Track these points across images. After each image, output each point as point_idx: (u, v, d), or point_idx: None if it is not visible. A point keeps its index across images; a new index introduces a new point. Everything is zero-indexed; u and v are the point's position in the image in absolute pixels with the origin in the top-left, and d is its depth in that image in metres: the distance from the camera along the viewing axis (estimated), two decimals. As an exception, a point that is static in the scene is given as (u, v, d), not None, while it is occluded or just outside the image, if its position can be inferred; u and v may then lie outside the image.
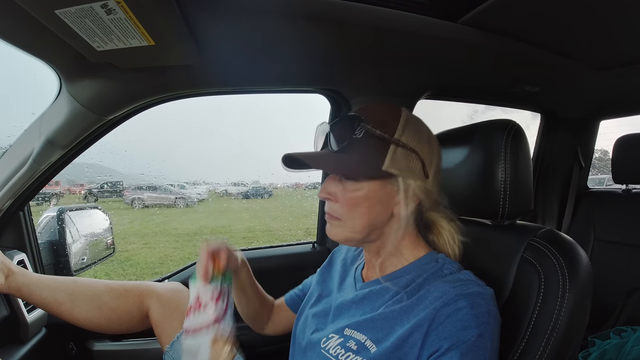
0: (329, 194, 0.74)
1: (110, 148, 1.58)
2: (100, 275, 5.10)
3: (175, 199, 9.06)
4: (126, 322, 1.10)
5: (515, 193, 0.80)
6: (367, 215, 0.72)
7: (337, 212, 0.73)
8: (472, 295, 0.65)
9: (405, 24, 0.94)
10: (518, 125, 0.82)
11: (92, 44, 0.76)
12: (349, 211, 0.72)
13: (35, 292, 1.00)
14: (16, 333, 1.09)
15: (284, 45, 0.99)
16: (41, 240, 1.30)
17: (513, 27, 1.02)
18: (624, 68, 1.33)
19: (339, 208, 0.73)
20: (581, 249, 0.75)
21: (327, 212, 0.76)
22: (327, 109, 1.46)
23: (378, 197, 0.71)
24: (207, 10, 0.80)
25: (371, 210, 0.71)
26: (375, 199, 0.71)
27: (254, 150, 24.51)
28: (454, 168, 0.91)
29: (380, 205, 0.72)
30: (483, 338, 0.61)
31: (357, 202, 0.71)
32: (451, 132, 0.99)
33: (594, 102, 1.78)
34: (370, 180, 0.70)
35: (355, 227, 0.72)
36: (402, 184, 0.71)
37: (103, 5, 0.63)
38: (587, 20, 0.98)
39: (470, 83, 1.43)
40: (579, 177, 2.05)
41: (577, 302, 0.68)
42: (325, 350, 0.74)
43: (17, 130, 1.07)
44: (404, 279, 0.74)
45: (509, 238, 0.83)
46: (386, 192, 0.71)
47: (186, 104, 1.25)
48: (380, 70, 1.19)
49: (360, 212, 0.71)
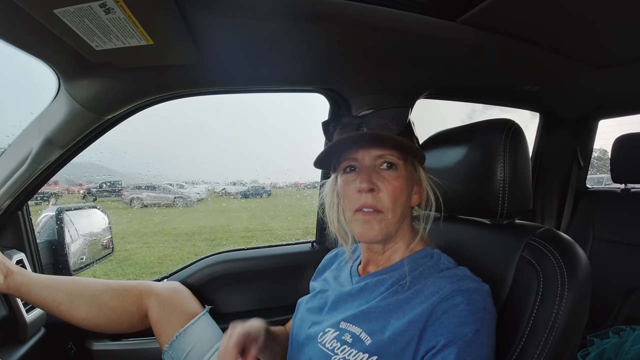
0: (374, 184, 0.72)
1: (109, 147, 1.57)
2: (99, 274, 5.10)
3: (174, 198, 9.05)
4: (125, 321, 1.11)
5: (514, 192, 0.81)
6: (405, 204, 0.76)
7: (382, 204, 0.73)
8: (469, 291, 0.66)
9: (405, 23, 0.94)
10: (517, 125, 0.83)
11: (90, 43, 0.76)
12: (394, 201, 0.73)
13: (34, 292, 1.00)
14: (15, 333, 1.09)
15: (284, 44, 0.99)
16: (40, 240, 1.30)
17: (512, 27, 1.02)
18: (623, 67, 1.33)
19: (383, 199, 0.73)
20: (580, 248, 0.76)
21: (369, 207, 0.73)
22: (323, 109, 1.47)
23: (410, 185, 0.77)
24: (205, 9, 0.79)
25: (407, 199, 0.76)
26: (410, 187, 0.77)
27: (252, 150, 24.51)
28: (453, 167, 0.92)
29: (409, 195, 0.77)
30: (480, 333, 0.62)
31: (400, 191, 0.74)
32: (450, 132, 0.99)
33: (593, 102, 1.78)
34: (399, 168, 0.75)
35: (394, 220, 0.74)
36: (422, 172, 0.78)
37: (102, 4, 0.63)
38: (585, 20, 0.98)
39: (469, 82, 1.43)
40: (577, 177, 2.05)
41: (576, 301, 0.69)
42: (321, 344, 0.75)
43: (16, 130, 1.07)
44: (399, 272, 0.76)
45: (508, 237, 0.83)
46: (414, 179, 0.78)
47: (185, 104, 1.25)
48: (379, 69, 1.19)
49: (401, 201, 0.74)
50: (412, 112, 1.41)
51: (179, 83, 1.11)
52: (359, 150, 0.76)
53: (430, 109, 1.68)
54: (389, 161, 0.74)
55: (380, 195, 0.73)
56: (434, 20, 0.97)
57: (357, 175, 0.75)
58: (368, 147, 0.75)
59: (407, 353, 0.65)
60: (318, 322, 0.83)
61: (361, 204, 0.73)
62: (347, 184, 0.77)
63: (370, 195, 0.73)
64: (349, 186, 0.76)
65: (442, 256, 0.77)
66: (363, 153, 0.75)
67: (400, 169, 0.74)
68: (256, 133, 31.45)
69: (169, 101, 1.19)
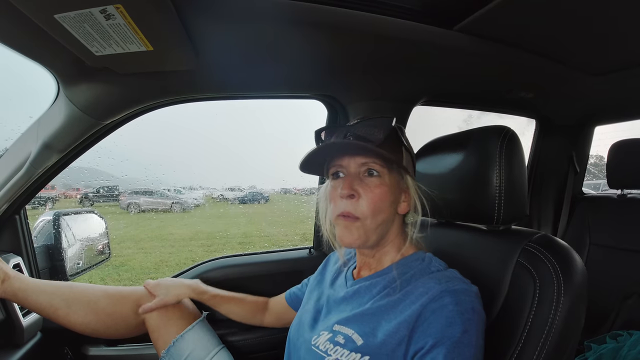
0: (354, 191, 0.75)
1: (107, 152, 1.57)
2: (96, 280, 5.07)
3: (172, 203, 9.00)
4: (122, 327, 1.10)
5: (510, 198, 0.81)
6: (386, 211, 0.76)
7: (359, 210, 0.75)
8: (457, 292, 0.67)
9: (402, 31, 0.95)
10: (512, 132, 0.84)
11: (90, 48, 0.76)
12: (373, 208, 0.74)
13: (31, 297, 1.00)
14: (11, 337, 1.08)
15: (282, 51, 1.00)
16: (37, 245, 1.30)
17: (507, 34, 1.03)
18: (618, 74, 1.34)
19: (362, 206, 0.75)
20: (576, 253, 0.76)
21: (345, 214, 0.76)
22: (321, 115, 1.48)
23: (394, 193, 0.77)
24: (205, 16, 0.80)
25: (389, 206, 0.77)
26: (393, 195, 0.77)
27: (249, 156, 24.51)
28: (450, 174, 0.92)
29: (394, 203, 0.78)
30: (468, 334, 0.62)
31: (380, 198, 0.75)
32: (446, 138, 1.00)
33: (589, 108, 1.80)
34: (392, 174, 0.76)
35: (373, 226, 0.75)
36: (410, 181, 0.78)
37: (102, 10, 0.63)
38: (580, 27, 0.99)
39: (466, 89, 1.44)
40: (574, 182, 2.06)
41: (572, 307, 0.69)
42: (315, 347, 0.77)
43: (14, 134, 1.07)
44: (391, 275, 0.78)
45: (504, 243, 0.84)
46: (400, 188, 0.78)
47: (184, 109, 1.25)
48: (376, 76, 1.20)
49: (381, 209, 0.75)
50: (409, 118, 1.43)
51: (177, 89, 1.12)
52: (345, 157, 0.78)
53: (427, 115, 1.69)
54: (372, 168, 0.77)
55: (360, 201, 0.75)
56: (430, 28, 0.98)
57: (343, 181, 0.77)
58: (354, 154, 0.77)
59: (397, 354, 0.66)
60: (313, 327, 0.85)
61: (342, 209, 0.76)
62: (333, 189, 0.79)
63: (350, 201, 0.75)
64: (334, 191, 0.79)
65: (434, 259, 0.79)
66: (349, 160, 0.78)
67: (384, 176, 0.76)
68: (254, 139, 31.51)
69: (167, 107, 1.19)
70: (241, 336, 1.34)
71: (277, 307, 1.18)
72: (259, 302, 1.21)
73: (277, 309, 1.18)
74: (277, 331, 1.30)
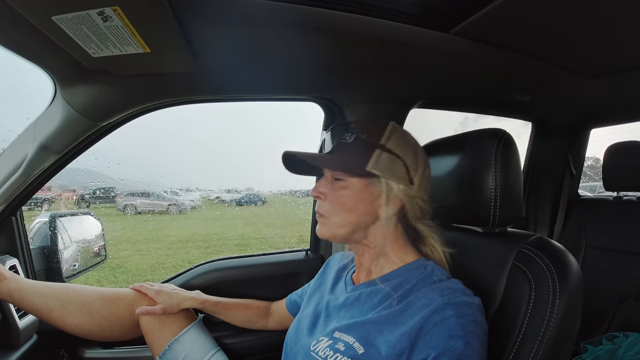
0: (319, 193, 0.82)
1: (104, 154, 1.57)
2: (92, 281, 5.04)
3: (168, 205, 8.96)
4: (117, 329, 1.10)
5: (505, 201, 0.82)
6: (351, 213, 0.77)
7: (324, 209, 0.80)
8: (459, 304, 0.67)
9: (399, 34, 0.96)
10: (508, 135, 0.84)
11: (87, 50, 0.76)
12: (335, 209, 0.78)
13: (27, 298, 1.00)
14: (7, 339, 1.07)
15: (280, 54, 1.00)
16: (33, 246, 1.29)
17: (504, 38, 1.04)
18: (614, 77, 1.35)
19: (326, 206, 0.80)
20: (571, 255, 0.76)
21: (316, 211, 0.83)
22: (318, 118, 1.48)
23: (362, 196, 0.77)
24: (203, 18, 0.80)
25: (355, 208, 0.77)
26: (359, 198, 0.77)
27: (247, 158, 24.48)
28: (445, 176, 0.93)
29: (363, 204, 0.77)
30: (470, 347, 0.62)
31: (342, 200, 0.78)
32: (442, 141, 1.01)
33: (584, 111, 1.81)
34: (355, 178, 0.77)
35: (338, 223, 0.78)
36: (384, 185, 0.76)
37: (100, 12, 0.63)
38: (576, 30, 1.00)
39: (462, 92, 1.45)
40: (570, 185, 2.07)
41: (568, 309, 0.69)
42: (314, 353, 0.76)
43: (11, 135, 1.07)
44: (392, 282, 0.77)
45: (500, 245, 0.84)
46: (370, 192, 0.77)
47: (181, 111, 1.25)
48: (374, 79, 1.20)
49: (344, 210, 0.77)
50: (405, 121, 1.43)
51: (175, 91, 1.12)
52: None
53: (422, 116, 1.70)
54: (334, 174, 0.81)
55: (325, 202, 0.80)
56: (427, 32, 0.98)
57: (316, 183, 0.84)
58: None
59: None
60: (312, 332, 0.85)
61: (316, 207, 0.83)
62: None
63: (319, 201, 0.82)
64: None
65: (436, 268, 0.77)
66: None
67: (347, 180, 0.78)
68: (250, 141, 31.51)
69: (165, 108, 1.19)
70: (237, 339, 1.34)
71: (280, 312, 1.19)
72: (261, 307, 1.22)
73: (280, 314, 1.19)
74: (274, 334, 1.30)
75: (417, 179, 0.78)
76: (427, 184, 0.81)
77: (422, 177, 0.79)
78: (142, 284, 1.16)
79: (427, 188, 0.81)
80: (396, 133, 0.79)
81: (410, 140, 0.81)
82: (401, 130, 0.81)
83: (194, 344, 1.11)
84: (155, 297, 1.12)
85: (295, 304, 1.12)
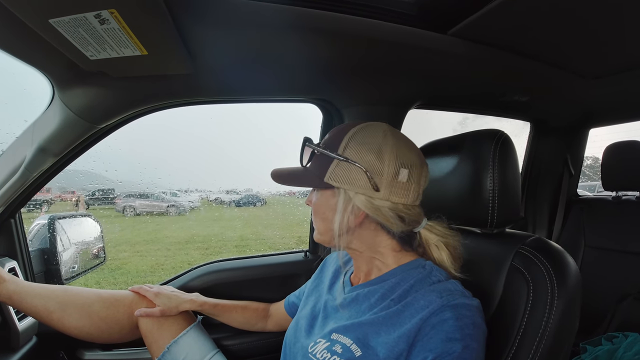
0: (309, 201, 0.87)
1: (102, 156, 1.57)
2: (91, 283, 5.04)
3: (167, 207, 8.96)
4: (116, 331, 1.10)
5: (503, 202, 0.82)
6: (326, 221, 0.80)
7: (312, 216, 0.85)
8: (458, 306, 0.66)
9: (397, 35, 0.96)
10: (506, 135, 0.84)
11: (85, 52, 0.76)
12: (315, 217, 0.83)
13: (26, 300, 1.00)
14: (7, 341, 1.07)
15: (277, 55, 1.00)
16: (32, 248, 1.29)
17: (502, 38, 1.04)
18: (612, 77, 1.36)
19: (312, 212, 0.84)
20: (570, 256, 0.77)
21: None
22: (317, 119, 1.48)
23: (329, 205, 0.78)
24: (200, 21, 0.80)
25: (327, 216, 0.79)
26: (326, 207, 0.79)
27: (246, 159, 24.48)
28: (444, 177, 0.93)
29: (332, 213, 0.77)
30: (469, 349, 0.62)
31: (316, 209, 0.82)
32: (440, 142, 1.01)
33: (583, 111, 1.81)
34: (318, 189, 0.81)
35: (319, 230, 0.83)
36: (342, 195, 0.75)
37: (96, 15, 0.63)
38: (575, 31, 1.00)
39: (460, 93, 1.45)
40: (569, 185, 2.07)
41: (566, 309, 0.69)
42: (312, 355, 0.76)
43: (10, 137, 1.07)
44: (389, 282, 0.77)
45: (498, 246, 0.84)
46: (336, 202, 0.77)
47: (179, 113, 1.25)
48: (371, 80, 1.20)
49: (320, 218, 0.81)
50: (404, 122, 1.43)
51: (172, 92, 1.12)
52: None
53: (421, 117, 1.70)
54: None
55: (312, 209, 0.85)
56: (425, 33, 0.99)
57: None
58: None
59: None
60: (310, 333, 0.85)
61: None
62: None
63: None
64: None
65: (434, 268, 0.77)
66: None
67: (318, 191, 0.81)
68: (249, 142, 31.55)
69: (162, 110, 1.19)
70: (236, 340, 1.34)
71: (278, 314, 1.19)
72: (260, 309, 1.22)
73: (278, 315, 1.19)
74: (273, 335, 1.30)
75: (384, 184, 0.72)
76: (408, 186, 0.74)
77: (392, 180, 0.72)
78: (141, 286, 1.16)
79: (409, 190, 0.74)
80: (355, 138, 0.75)
81: (375, 142, 0.74)
82: (363, 134, 0.76)
83: (193, 346, 1.11)
84: (154, 299, 1.12)
85: (293, 305, 1.12)
